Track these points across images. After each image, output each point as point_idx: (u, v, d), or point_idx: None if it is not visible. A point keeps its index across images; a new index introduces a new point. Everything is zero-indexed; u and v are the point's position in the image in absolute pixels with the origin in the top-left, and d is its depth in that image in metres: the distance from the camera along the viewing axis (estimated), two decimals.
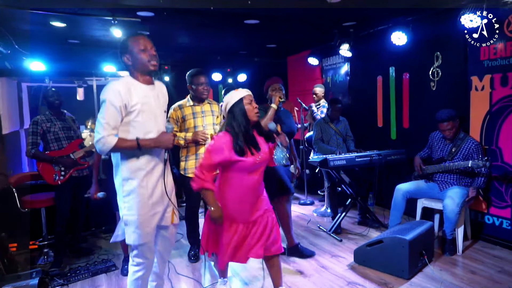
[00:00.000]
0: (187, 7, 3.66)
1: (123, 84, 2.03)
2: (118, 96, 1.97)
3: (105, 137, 1.95)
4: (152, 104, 2.12)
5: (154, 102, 2.14)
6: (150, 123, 2.10)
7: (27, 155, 3.48)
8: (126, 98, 1.99)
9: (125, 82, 2.05)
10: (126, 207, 2.11)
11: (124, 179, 2.09)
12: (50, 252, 3.71)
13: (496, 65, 3.52)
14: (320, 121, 4.65)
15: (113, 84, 2.01)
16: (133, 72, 2.13)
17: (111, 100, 1.96)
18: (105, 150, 1.99)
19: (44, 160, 3.49)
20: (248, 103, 2.26)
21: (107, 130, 1.95)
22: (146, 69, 2.10)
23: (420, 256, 3.13)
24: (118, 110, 1.98)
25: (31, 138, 3.47)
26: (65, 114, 3.73)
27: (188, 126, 3.35)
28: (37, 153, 3.47)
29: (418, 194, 3.78)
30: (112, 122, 1.97)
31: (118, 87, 1.99)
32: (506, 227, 3.57)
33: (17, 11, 3.68)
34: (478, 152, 3.46)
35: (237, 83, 6.78)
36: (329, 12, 3.95)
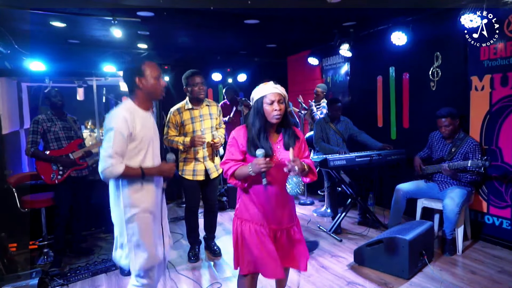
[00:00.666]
0: (187, 7, 3.66)
1: (128, 111, 2.02)
2: (126, 124, 1.96)
3: (114, 166, 1.93)
4: (151, 131, 2.13)
5: (152, 128, 2.15)
6: (149, 150, 2.11)
7: (27, 153, 3.48)
8: (132, 126, 1.99)
9: (129, 109, 2.05)
10: (129, 234, 2.05)
11: (126, 206, 2.04)
12: (50, 252, 3.70)
13: (496, 65, 3.52)
14: (320, 120, 4.65)
15: (119, 112, 2.00)
16: (138, 95, 2.10)
17: (119, 128, 1.95)
18: (111, 178, 1.98)
19: (43, 159, 3.49)
20: (269, 103, 2.00)
21: (115, 158, 1.93)
22: (156, 97, 2.16)
23: (420, 256, 3.13)
24: (125, 138, 1.97)
25: (31, 137, 3.47)
26: (67, 115, 3.73)
27: (187, 131, 3.36)
28: (36, 151, 3.47)
29: (418, 194, 3.78)
30: (119, 150, 1.96)
31: (125, 115, 1.98)
32: (506, 227, 3.57)
33: (17, 11, 3.68)
34: (477, 152, 3.46)
35: (237, 83, 6.78)
36: (329, 12, 3.95)
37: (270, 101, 2.00)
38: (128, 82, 2.11)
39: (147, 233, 2.07)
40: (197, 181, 3.43)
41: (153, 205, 2.12)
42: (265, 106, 2.01)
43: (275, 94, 2.00)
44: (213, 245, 3.71)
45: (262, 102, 2.01)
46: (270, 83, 2.04)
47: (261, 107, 2.02)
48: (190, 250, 3.60)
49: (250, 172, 1.94)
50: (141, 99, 2.11)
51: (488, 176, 3.62)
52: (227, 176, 2.04)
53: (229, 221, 4.75)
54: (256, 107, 2.04)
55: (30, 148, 3.44)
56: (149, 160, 2.10)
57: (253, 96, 2.09)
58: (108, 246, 4.00)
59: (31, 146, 3.45)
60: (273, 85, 2.03)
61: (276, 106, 1.99)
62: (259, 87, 2.07)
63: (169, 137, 3.37)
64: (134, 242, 2.05)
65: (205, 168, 3.42)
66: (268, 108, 2.01)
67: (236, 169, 2.02)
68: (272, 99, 1.99)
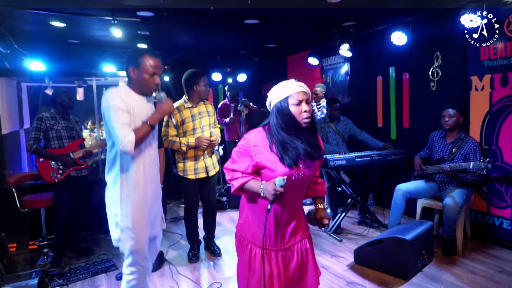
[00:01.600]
0: (187, 7, 3.65)
1: (122, 91, 2.14)
2: (121, 100, 2.07)
3: (126, 137, 2.02)
4: (148, 113, 2.20)
5: (150, 111, 2.22)
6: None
7: (28, 149, 3.46)
8: (128, 102, 2.09)
9: (122, 90, 2.16)
10: (122, 214, 2.16)
11: (122, 188, 2.15)
12: (49, 252, 3.70)
13: (496, 65, 3.52)
14: (320, 120, 4.66)
15: (113, 91, 2.09)
16: (131, 82, 2.20)
17: (117, 103, 2.05)
18: (131, 147, 2.04)
19: (45, 156, 3.48)
20: (295, 104, 1.67)
21: (123, 129, 2.03)
22: (146, 92, 2.20)
23: (420, 256, 3.13)
24: (125, 111, 2.07)
25: (33, 133, 3.45)
26: (70, 115, 3.73)
27: (187, 129, 3.35)
28: (38, 148, 3.45)
29: (418, 194, 3.78)
30: (126, 121, 2.05)
31: (118, 93, 2.09)
32: (506, 227, 3.57)
33: (17, 11, 3.68)
34: (477, 153, 3.46)
35: (237, 83, 6.78)
36: (329, 12, 3.95)
37: (298, 101, 1.67)
38: (125, 67, 2.19)
39: (138, 216, 2.17)
40: (197, 180, 3.43)
41: (147, 187, 2.22)
42: (291, 108, 1.67)
43: (302, 93, 1.69)
44: (213, 245, 3.71)
45: (287, 103, 1.68)
46: (291, 80, 1.74)
47: (287, 108, 1.67)
48: (190, 250, 3.60)
49: (261, 192, 1.67)
50: (134, 86, 2.19)
51: (488, 176, 3.61)
52: (232, 186, 1.76)
53: (229, 221, 4.75)
54: (281, 109, 1.68)
55: (32, 144, 3.42)
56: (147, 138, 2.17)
57: (271, 99, 1.74)
58: (108, 246, 4.00)
59: (33, 142, 3.43)
60: (296, 83, 1.72)
61: (305, 106, 1.68)
62: (279, 86, 1.73)
63: (169, 138, 3.35)
64: (125, 222, 2.15)
65: (205, 165, 3.42)
66: (295, 110, 1.67)
67: (245, 183, 1.72)
68: (299, 98, 1.67)
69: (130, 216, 2.17)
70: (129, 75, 2.18)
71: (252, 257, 1.81)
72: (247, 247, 1.82)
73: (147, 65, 2.12)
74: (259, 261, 1.78)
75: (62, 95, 3.61)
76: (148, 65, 2.13)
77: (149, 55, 2.14)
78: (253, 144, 1.71)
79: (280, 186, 1.59)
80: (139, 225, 2.20)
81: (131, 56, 2.17)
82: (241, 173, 1.74)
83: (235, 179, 1.74)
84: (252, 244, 1.81)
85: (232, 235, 2.01)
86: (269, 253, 1.80)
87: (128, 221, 2.17)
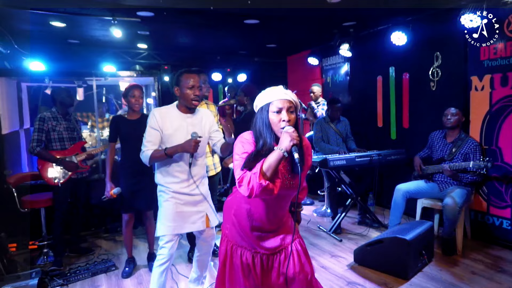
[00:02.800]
0: (187, 7, 3.65)
1: (161, 111, 2.48)
2: (154, 120, 2.42)
3: (144, 151, 2.41)
4: (184, 130, 2.45)
5: (187, 127, 2.46)
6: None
7: (31, 151, 3.41)
8: (160, 122, 2.42)
9: (163, 109, 2.50)
10: (159, 206, 2.52)
11: (158, 181, 2.52)
12: (49, 252, 3.70)
13: (496, 65, 3.52)
14: (320, 120, 4.66)
15: (153, 111, 2.47)
16: (179, 100, 2.51)
17: (150, 124, 2.43)
18: (145, 160, 2.41)
19: (48, 159, 3.45)
20: (275, 111, 1.61)
21: (146, 146, 2.42)
22: (188, 105, 2.47)
23: (420, 256, 3.13)
24: (154, 130, 2.42)
25: (36, 134, 3.40)
26: (71, 115, 3.71)
27: None
28: (41, 151, 3.41)
29: (418, 194, 3.78)
30: (151, 139, 2.42)
31: (155, 113, 2.44)
32: (506, 227, 3.57)
33: (17, 11, 3.68)
34: (477, 153, 3.46)
35: (237, 83, 6.78)
36: (329, 12, 3.95)
37: (277, 108, 1.60)
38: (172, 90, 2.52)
39: (168, 206, 2.46)
40: None
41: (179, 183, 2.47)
42: (271, 115, 1.61)
43: (284, 101, 1.60)
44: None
45: (267, 110, 1.62)
46: (278, 87, 1.67)
47: (266, 117, 1.62)
48: (190, 250, 3.60)
49: (282, 151, 1.52)
50: (180, 104, 2.50)
51: (488, 176, 3.61)
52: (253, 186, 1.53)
53: None
54: (261, 116, 1.64)
55: (35, 146, 3.38)
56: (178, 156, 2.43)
57: (256, 104, 1.70)
58: (108, 246, 4.00)
59: (36, 144, 3.38)
60: (281, 90, 1.64)
61: (284, 115, 1.59)
62: (266, 91, 1.68)
63: None
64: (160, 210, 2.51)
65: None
66: (274, 118, 1.61)
67: (262, 166, 1.54)
68: (279, 106, 1.60)
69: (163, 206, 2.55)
70: (174, 94, 2.50)
71: (243, 260, 1.79)
72: (237, 252, 1.81)
73: (184, 80, 2.42)
74: (250, 264, 1.79)
75: (62, 93, 3.57)
76: (185, 80, 2.42)
77: (186, 72, 2.45)
78: (248, 138, 1.70)
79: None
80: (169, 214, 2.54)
81: (174, 77, 2.50)
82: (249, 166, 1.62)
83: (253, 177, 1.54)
84: (242, 248, 1.81)
85: None
86: (260, 256, 1.79)
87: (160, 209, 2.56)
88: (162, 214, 2.48)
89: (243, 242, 1.80)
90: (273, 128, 1.63)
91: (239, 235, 1.81)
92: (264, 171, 1.53)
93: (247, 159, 1.60)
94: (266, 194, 1.57)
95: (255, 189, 1.52)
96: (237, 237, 1.82)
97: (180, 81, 2.43)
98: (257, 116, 1.68)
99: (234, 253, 1.81)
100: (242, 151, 1.65)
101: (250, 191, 1.54)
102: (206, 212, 2.58)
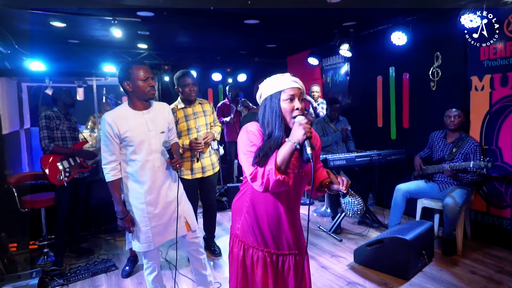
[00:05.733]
0: (187, 7, 3.65)
1: (113, 114, 2.29)
2: (108, 127, 2.24)
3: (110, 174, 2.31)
4: (145, 127, 2.32)
5: (147, 124, 2.34)
6: (143, 146, 2.31)
7: (46, 149, 3.39)
8: (116, 128, 2.24)
9: (116, 112, 2.31)
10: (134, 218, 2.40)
11: (127, 196, 2.39)
12: (50, 252, 3.71)
13: (496, 65, 3.52)
14: (320, 120, 4.67)
15: (104, 116, 2.28)
16: (131, 97, 2.34)
17: (104, 132, 2.26)
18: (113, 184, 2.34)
19: (64, 153, 3.46)
20: (287, 100, 1.56)
21: (108, 159, 2.30)
22: (146, 97, 2.32)
23: (420, 256, 3.13)
24: (111, 139, 2.26)
25: (46, 132, 3.39)
26: (71, 115, 3.72)
27: (182, 129, 3.34)
28: (56, 147, 3.41)
29: (418, 194, 3.78)
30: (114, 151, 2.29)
31: (107, 119, 2.24)
32: (506, 227, 3.57)
33: (17, 11, 3.68)
34: (477, 153, 3.46)
35: (237, 83, 6.78)
36: (329, 12, 3.95)
37: (290, 96, 1.55)
38: (121, 86, 2.34)
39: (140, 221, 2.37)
40: (195, 179, 3.42)
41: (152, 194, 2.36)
42: (283, 104, 1.56)
43: (296, 89, 1.57)
44: (213, 245, 3.72)
45: (279, 99, 1.56)
46: (287, 74, 1.61)
47: (277, 105, 1.56)
48: None
49: (293, 143, 1.47)
50: (133, 101, 2.34)
51: (488, 176, 3.62)
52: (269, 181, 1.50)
53: (229, 221, 4.75)
54: (271, 105, 1.57)
55: (48, 143, 3.37)
56: (141, 155, 2.31)
57: (262, 92, 1.63)
58: (108, 246, 4.00)
59: (49, 141, 3.38)
60: (291, 78, 1.59)
61: (297, 103, 1.55)
62: (272, 79, 1.61)
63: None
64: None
65: (201, 165, 3.42)
66: (287, 106, 1.55)
67: (276, 161, 1.49)
68: (291, 93, 1.55)
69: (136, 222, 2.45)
70: (125, 90, 2.32)
71: (255, 261, 1.73)
72: (248, 252, 1.74)
73: (136, 73, 2.27)
74: (261, 265, 1.72)
75: (63, 94, 3.59)
76: (137, 73, 2.27)
77: (135, 64, 2.29)
78: (254, 129, 1.62)
79: (305, 122, 1.49)
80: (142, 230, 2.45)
81: (121, 72, 2.31)
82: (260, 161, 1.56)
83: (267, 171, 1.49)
84: (254, 249, 1.73)
85: None
86: (271, 256, 1.73)
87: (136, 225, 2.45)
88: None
89: (255, 242, 1.74)
90: (284, 117, 1.57)
91: (251, 234, 1.74)
92: (278, 166, 1.49)
93: (258, 155, 1.53)
94: (282, 187, 1.54)
95: (270, 184, 1.49)
96: (249, 237, 1.74)
97: (131, 74, 2.27)
98: (266, 105, 1.59)
99: (246, 253, 1.75)
100: (250, 144, 1.58)
101: (265, 186, 1.51)
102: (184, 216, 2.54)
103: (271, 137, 1.56)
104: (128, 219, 2.34)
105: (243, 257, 1.75)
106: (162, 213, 2.40)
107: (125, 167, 2.33)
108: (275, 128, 1.56)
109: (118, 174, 2.31)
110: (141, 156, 2.29)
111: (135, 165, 2.30)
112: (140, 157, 2.29)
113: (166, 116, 2.47)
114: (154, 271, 2.47)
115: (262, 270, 1.72)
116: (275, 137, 1.55)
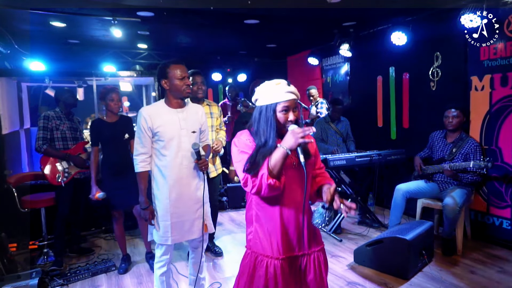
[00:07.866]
0: (187, 7, 3.66)
1: (149, 109, 2.38)
2: (143, 120, 2.33)
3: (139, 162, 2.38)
4: (177, 125, 2.37)
5: (179, 122, 2.38)
6: (173, 142, 2.36)
7: (38, 150, 3.41)
8: (150, 122, 2.32)
9: (152, 108, 2.40)
10: (156, 210, 2.44)
11: (153, 188, 2.44)
12: (50, 252, 3.70)
13: (496, 65, 3.52)
14: (321, 120, 4.67)
15: (141, 111, 2.37)
16: (168, 95, 2.40)
17: (138, 124, 2.34)
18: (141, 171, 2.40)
19: (56, 156, 3.45)
20: (282, 111, 1.59)
21: (138, 150, 2.36)
22: (182, 95, 2.38)
23: (420, 256, 3.13)
24: (144, 132, 2.33)
25: (42, 133, 3.40)
26: (73, 115, 3.71)
27: None
28: (49, 149, 3.42)
29: (418, 194, 3.78)
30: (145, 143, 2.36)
31: (143, 113, 2.33)
32: (506, 227, 3.57)
33: (17, 11, 3.68)
34: (477, 153, 3.46)
35: (237, 83, 6.78)
36: (329, 12, 3.95)
37: (284, 108, 1.59)
38: (159, 84, 2.41)
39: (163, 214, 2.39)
40: None
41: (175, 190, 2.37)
42: (278, 114, 1.60)
43: (291, 101, 1.60)
44: (213, 245, 3.71)
45: (274, 110, 1.60)
46: (283, 83, 1.62)
47: (272, 116, 1.60)
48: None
49: (285, 149, 1.51)
50: (169, 99, 2.39)
51: (488, 176, 3.62)
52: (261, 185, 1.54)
53: (229, 221, 4.75)
54: (266, 115, 1.61)
55: (42, 145, 3.38)
56: (172, 150, 2.35)
57: (258, 97, 1.65)
58: (108, 246, 4.00)
59: (43, 143, 3.39)
60: (286, 88, 1.61)
61: (291, 116, 1.60)
62: (268, 87, 1.62)
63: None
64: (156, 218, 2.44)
65: None
66: (281, 116, 1.60)
67: (268, 166, 1.54)
68: (286, 105, 1.59)
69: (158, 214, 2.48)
70: (163, 88, 2.38)
71: (270, 272, 1.65)
72: (263, 263, 1.67)
73: (173, 72, 2.34)
74: (279, 274, 1.65)
75: (65, 94, 3.59)
76: (174, 72, 2.34)
77: (173, 63, 2.38)
78: (244, 140, 1.68)
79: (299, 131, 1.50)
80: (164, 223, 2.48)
81: (160, 71, 2.39)
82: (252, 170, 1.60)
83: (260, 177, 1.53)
84: (268, 258, 1.66)
85: (233, 235, 1.98)
86: (286, 261, 1.67)
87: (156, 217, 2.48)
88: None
89: (269, 249, 1.67)
90: (278, 126, 1.61)
91: (265, 242, 1.69)
92: (270, 170, 1.54)
93: (249, 162, 1.59)
94: (274, 192, 1.57)
95: (263, 188, 1.54)
96: (262, 245, 1.69)
97: (168, 73, 2.34)
98: (261, 113, 1.63)
99: (259, 264, 1.69)
100: (242, 152, 1.65)
101: (257, 190, 1.56)
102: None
103: (265, 146, 1.60)
104: (149, 210, 2.39)
105: (254, 267, 1.70)
106: (184, 212, 2.41)
107: (156, 161, 2.39)
108: (269, 138, 1.60)
109: (146, 166, 2.38)
110: (170, 152, 2.34)
111: (164, 160, 2.35)
112: (170, 153, 2.34)
113: (199, 118, 2.51)
114: (164, 267, 2.49)
115: (281, 280, 1.65)
116: (269, 147, 1.59)
